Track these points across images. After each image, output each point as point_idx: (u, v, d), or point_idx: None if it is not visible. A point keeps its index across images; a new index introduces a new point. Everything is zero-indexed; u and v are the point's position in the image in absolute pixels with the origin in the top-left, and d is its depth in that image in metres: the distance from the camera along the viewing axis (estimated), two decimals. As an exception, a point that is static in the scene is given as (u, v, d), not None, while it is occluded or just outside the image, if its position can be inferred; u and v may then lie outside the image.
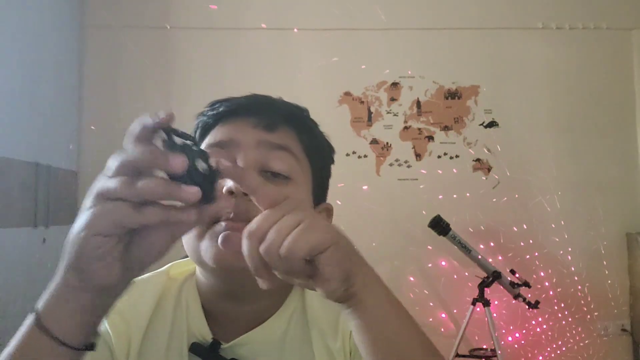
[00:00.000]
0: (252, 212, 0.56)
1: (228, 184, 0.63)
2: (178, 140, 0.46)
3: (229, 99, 0.74)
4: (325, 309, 0.74)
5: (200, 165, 0.46)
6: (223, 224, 0.62)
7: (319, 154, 0.76)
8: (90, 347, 0.51)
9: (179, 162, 0.44)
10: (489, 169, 3.09)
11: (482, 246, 2.95)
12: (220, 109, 0.73)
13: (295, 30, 3.09)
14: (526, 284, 2.60)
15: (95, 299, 0.50)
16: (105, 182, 0.46)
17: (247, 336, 0.70)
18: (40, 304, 0.50)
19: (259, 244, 0.51)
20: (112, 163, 0.46)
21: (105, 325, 0.68)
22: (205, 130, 0.74)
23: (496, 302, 2.89)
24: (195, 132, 0.76)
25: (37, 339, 0.49)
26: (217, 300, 0.72)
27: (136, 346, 0.69)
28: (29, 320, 0.50)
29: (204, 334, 0.70)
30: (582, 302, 3.04)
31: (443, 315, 3.00)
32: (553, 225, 3.06)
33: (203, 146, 0.72)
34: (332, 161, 0.81)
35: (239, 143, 0.69)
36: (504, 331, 2.98)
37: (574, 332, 3.03)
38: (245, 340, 0.70)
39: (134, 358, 0.69)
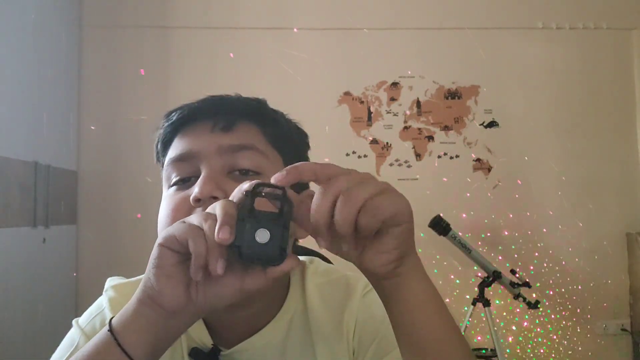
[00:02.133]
0: None
1: (194, 191, 0.62)
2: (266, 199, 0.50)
3: (182, 106, 0.72)
4: (328, 310, 0.73)
5: (262, 235, 0.49)
6: None
7: (288, 144, 0.73)
8: None
9: (224, 237, 0.47)
10: (489, 169, 3.09)
11: (482, 246, 2.95)
12: (175, 118, 0.71)
13: (295, 30, 3.09)
14: (526, 284, 2.60)
15: (162, 320, 0.51)
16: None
17: (246, 343, 0.69)
18: (118, 314, 0.53)
19: (333, 199, 0.48)
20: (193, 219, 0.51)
21: None
22: (166, 144, 0.72)
23: (497, 302, 2.90)
24: (157, 146, 0.74)
25: (107, 346, 0.51)
26: None
27: None
28: (106, 326, 0.52)
29: (204, 339, 0.69)
30: (582, 301, 3.04)
31: (443, 315, 2.99)
32: (553, 225, 3.06)
33: (166, 162, 0.70)
34: (308, 147, 0.78)
35: (199, 153, 0.67)
36: (504, 331, 2.98)
37: (573, 331, 3.03)
38: (244, 346, 0.69)
39: None
